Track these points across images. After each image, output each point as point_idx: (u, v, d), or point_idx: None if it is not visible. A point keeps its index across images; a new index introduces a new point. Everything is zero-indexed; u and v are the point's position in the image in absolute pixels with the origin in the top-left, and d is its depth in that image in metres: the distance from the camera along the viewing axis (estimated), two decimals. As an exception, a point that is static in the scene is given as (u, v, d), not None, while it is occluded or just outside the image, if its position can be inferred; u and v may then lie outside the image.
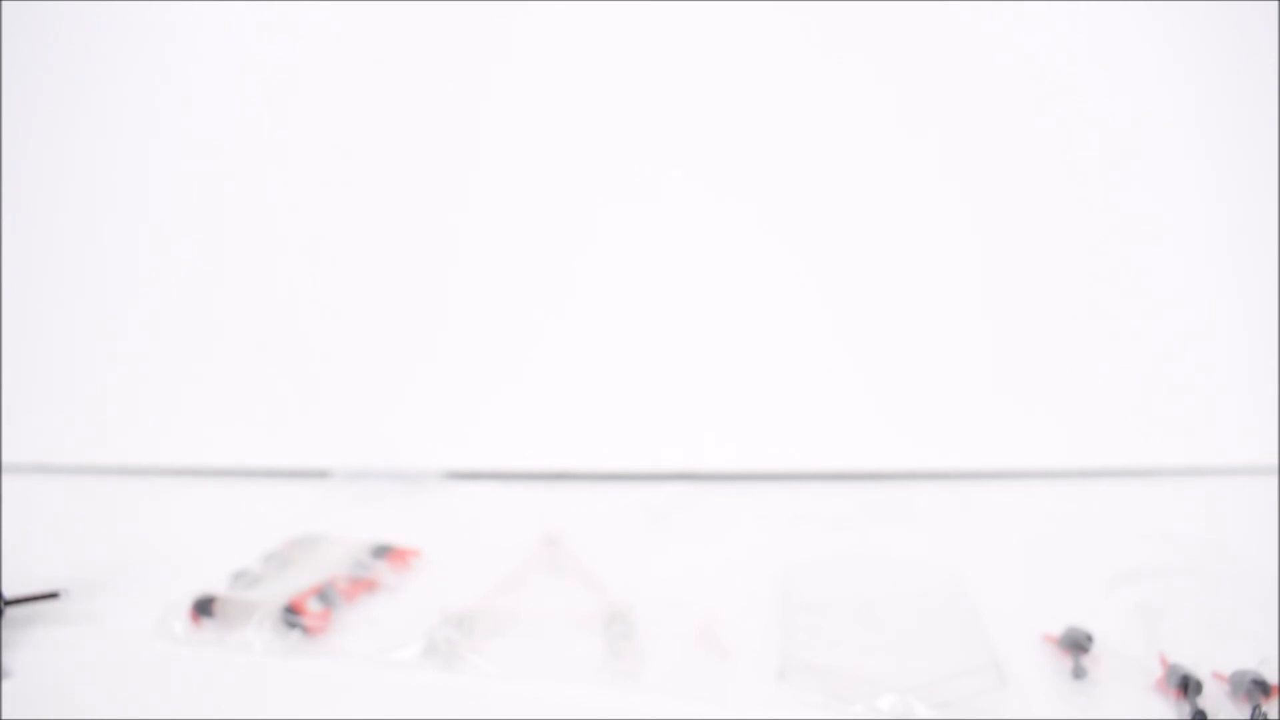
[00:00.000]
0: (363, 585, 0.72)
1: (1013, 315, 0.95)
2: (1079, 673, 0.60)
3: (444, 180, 0.96)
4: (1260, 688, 0.56)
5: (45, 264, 0.99)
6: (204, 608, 0.66)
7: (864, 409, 0.96)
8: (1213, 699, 0.56)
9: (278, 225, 0.97)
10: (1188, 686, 0.57)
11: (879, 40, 0.92)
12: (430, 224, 0.97)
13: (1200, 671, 0.57)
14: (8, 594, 0.67)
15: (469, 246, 0.97)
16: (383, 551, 0.76)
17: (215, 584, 0.70)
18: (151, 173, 0.97)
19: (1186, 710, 0.56)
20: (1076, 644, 0.62)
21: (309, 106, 0.96)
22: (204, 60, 0.96)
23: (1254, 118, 0.91)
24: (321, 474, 0.95)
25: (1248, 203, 0.92)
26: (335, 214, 0.97)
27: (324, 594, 0.69)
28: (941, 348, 0.95)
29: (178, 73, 0.96)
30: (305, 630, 0.65)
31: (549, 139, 0.95)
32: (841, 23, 0.92)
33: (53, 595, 0.68)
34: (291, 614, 0.65)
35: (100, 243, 0.98)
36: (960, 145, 0.93)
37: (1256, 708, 0.55)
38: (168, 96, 0.96)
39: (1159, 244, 0.94)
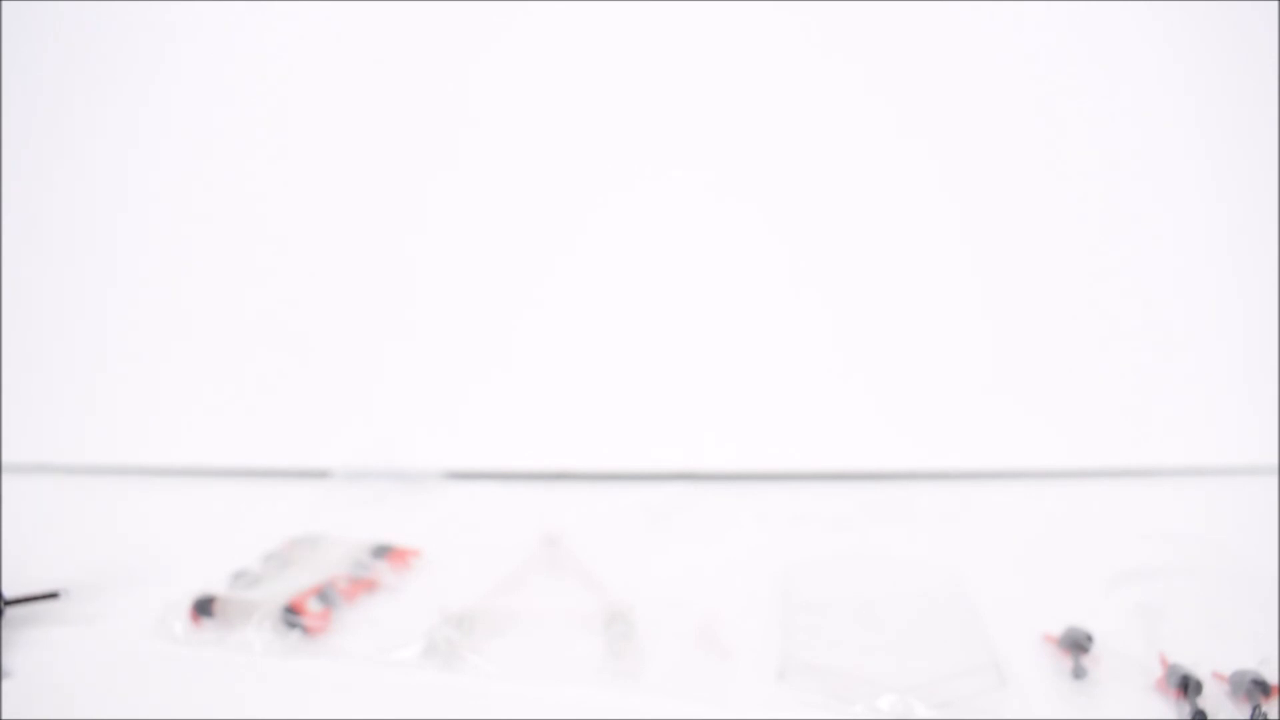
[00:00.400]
0: (363, 585, 0.72)
1: (1012, 315, 0.95)
2: (1079, 673, 0.60)
3: (444, 180, 0.96)
4: (1260, 688, 0.56)
5: (46, 264, 0.99)
6: (204, 608, 0.66)
7: (864, 409, 0.96)
8: (1213, 699, 0.56)
9: (278, 225, 0.97)
10: (1188, 686, 0.57)
11: (879, 40, 0.92)
12: (431, 224, 0.97)
13: (1200, 671, 0.57)
14: (8, 594, 0.67)
15: (470, 247, 0.97)
16: (383, 551, 0.76)
17: (215, 584, 0.70)
18: (152, 173, 0.97)
19: (1186, 710, 0.56)
20: (1076, 644, 0.62)
21: (308, 107, 0.96)
22: (200, 62, 0.96)
23: (1254, 118, 0.91)
24: (321, 474, 0.95)
25: (1248, 203, 0.92)
26: (335, 214, 0.97)
27: (324, 594, 0.69)
28: (941, 348, 0.95)
29: (176, 74, 0.96)
30: (305, 630, 0.65)
31: (547, 136, 0.95)
32: (842, 23, 0.92)
33: (53, 595, 0.68)
34: (291, 614, 0.65)
35: (100, 243, 0.98)
36: (960, 146, 0.93)
37: (1256, 708, 0.55)
38: (165, 97, 0.96)
39: (1159, 244, 0.94)
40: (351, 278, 0.97)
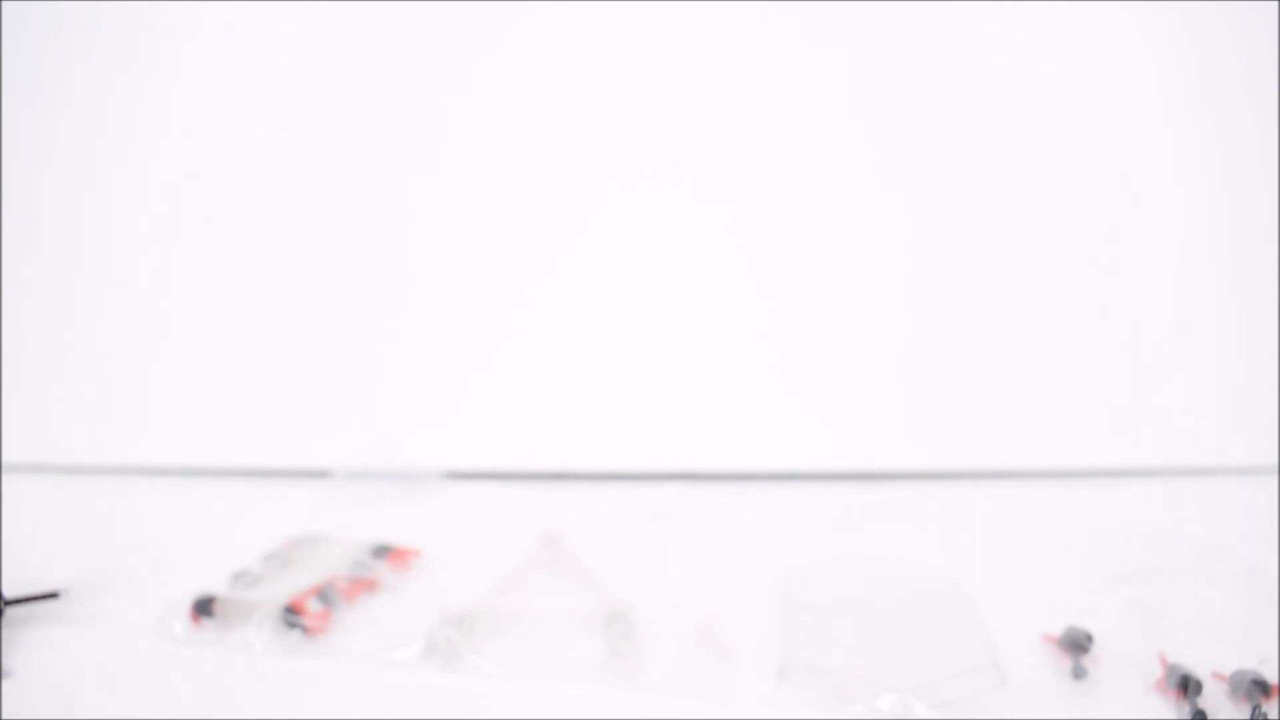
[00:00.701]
0: (363, 585, 0.72)
1: (1012, 315, 0.95)
2: (1079, 673, 0.60)
3: (444, 180, 0.96)
4: (1260, 688, 0.56)
5: (45, 264, 0.99)
6: (204, 608, 0.66)
7: (864, 409, 0.96)
8: (1213, 699, 0.56)
9: (278, 226, 0.97)
10: (1188, 686, 0.57)
11: (877, 41, 0.92)
12: (431, 224, 0.97)
13: (1200, 671, 0.58)
14: (8, 594, 0.67)
15: (470, 247, 0.97)
16: (383, 551, 0.76)
17: (215, 584, 0.70)
18: (153, 174, 0.97)
19: (1186, 710, 0.56)
20: (1076, 644, 0.62)
21: (307, 107, 0.96)
22: (198, 62, 0.96)
23: (1254, 117, 0.91)
24: (321, 474, 0.95)
25: (1248, 202, 0.92)
26: (335, 214, 0.97)
27: (324, 594, 0.69)
28: (941, 348, 0.95)
29: (177, 75, 0.96)
30: (305, 630, 0.65)
31: (547, 136, 0.95)
32: (842, 21, 0.92)
33: (53, 595, 0.68)
34: (291, 614, 0.65)
35: (100, 243, 0.98)
36: (959, 146, 0.93)
37: (1256, 707, 0.55)
38: (166, 97, 0.96)
39: (1159, 243, 0.94)
40: (351, 278, 0.97)
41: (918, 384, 0.95)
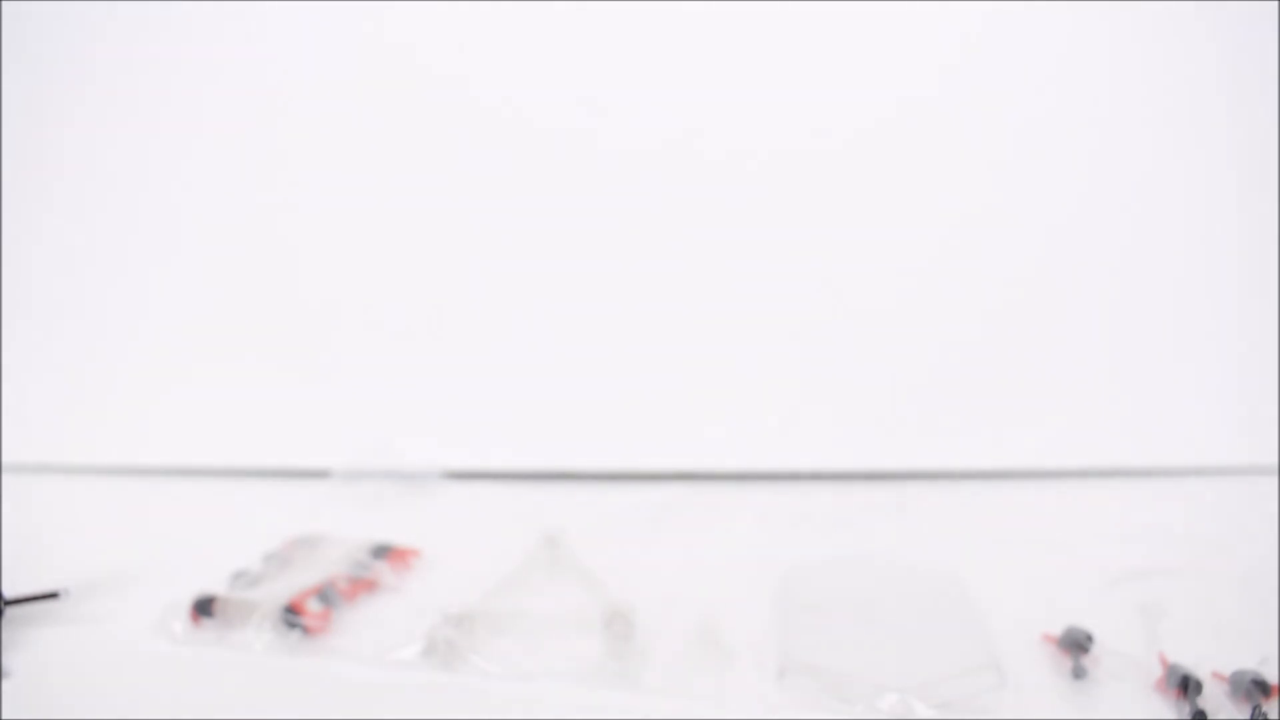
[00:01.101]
0: (363, 585, 0.72)
1: (1012, 315, 0.95)
2: (1079, 673, 0.60)
3: (444, 179, 0.96)
4: (1260, 688, 0.56)
5: (46, 264, 0.99)
6: (204, 608, 0.66)
7: (863, 409, 0.96)
8: (1213, 699, 0.56)
9: (278, 225, 0.97)
10: (1188, 686, 0.57)
11: (875, 36, 0.92)
12: (430, 223, 0.97)
13: (1200, 671, 0.58)
14: (8, 594, 0.67)
15: (470, 246, 0.97)
16: (383, 551, 0.76)
17: (215, 584, 0.70)
18: (153, 173, 0.97)
19: (1186, 710, 0.56)
20: (1076, 644, 0.62)
21: (308, 106, 0.96)
22: (210, 59, 0.96)
23: (1256, 117, 0.91)
24: (321, 474, 0.95)
25: (1248, 202, 0.92)
26: (335, 213, 0.97)
27: (324, 594, 0.69)
28: (941, 348, 0.95)
29: (183, 70, 0.96)
30: (305, 630, 0.65)
31: (544, 134, 0.94)
32: (849, 18, 0.92)
33: (53, 595, 0.68)
34: (291, 614, 0.65)
35: (101, 243, 0.98)
36: (960, 146, 0.93)
37: (1256, 707, 0.55)
38: (169, 96, 0.96)
39: (1159, 243, 0.94)
40: (351, 278, 0.97)
41: (918, 384, 0.95)
